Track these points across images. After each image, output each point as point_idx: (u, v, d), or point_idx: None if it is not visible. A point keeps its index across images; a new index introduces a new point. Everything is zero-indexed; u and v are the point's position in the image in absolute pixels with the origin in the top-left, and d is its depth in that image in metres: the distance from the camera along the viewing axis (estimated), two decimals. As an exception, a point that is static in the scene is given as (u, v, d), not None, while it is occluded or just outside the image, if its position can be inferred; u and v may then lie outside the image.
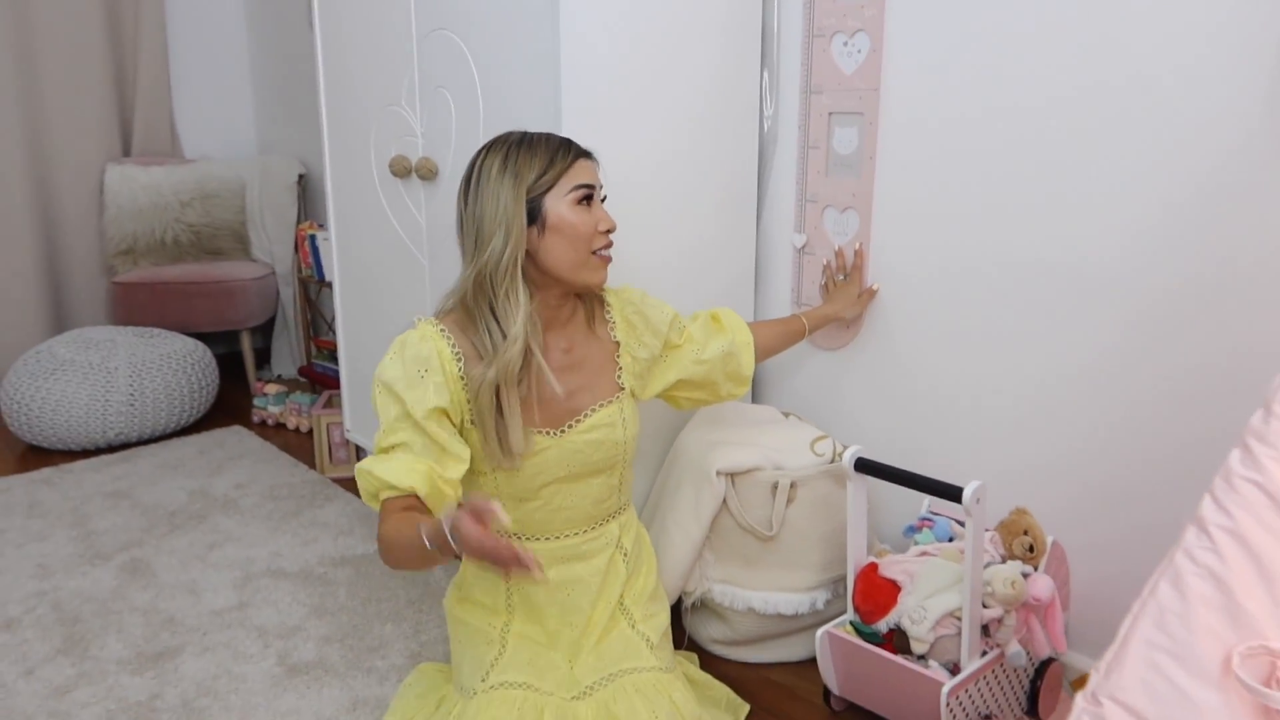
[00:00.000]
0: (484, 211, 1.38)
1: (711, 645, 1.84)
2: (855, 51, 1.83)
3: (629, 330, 1.56)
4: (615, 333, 1.55)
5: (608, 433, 1.49)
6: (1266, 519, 0.72)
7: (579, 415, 1.48)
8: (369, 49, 2.18)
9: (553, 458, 1.45)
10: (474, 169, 1.42)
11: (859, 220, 1.89)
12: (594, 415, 1.48)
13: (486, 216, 1.38)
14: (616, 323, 1.56)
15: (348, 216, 2.41)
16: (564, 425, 1.46)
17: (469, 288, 1.40)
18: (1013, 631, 1.51)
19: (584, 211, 1.42)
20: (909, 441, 1.91)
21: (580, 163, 1.43)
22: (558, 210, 1.40)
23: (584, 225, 1.42)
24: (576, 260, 1.42)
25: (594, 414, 1.48)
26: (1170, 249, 1.50)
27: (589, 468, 1.49)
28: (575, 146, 1.44)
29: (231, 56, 3.95)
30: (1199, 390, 1.50)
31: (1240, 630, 0.70)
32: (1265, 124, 1.37)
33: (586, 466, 1.49)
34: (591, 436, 1.47)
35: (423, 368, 1.37)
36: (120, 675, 1.77)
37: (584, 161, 1.44)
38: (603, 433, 1.48)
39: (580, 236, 1.42)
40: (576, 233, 1.41)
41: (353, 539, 2.30)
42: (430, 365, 1.38)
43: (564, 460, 1.46)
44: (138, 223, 3.49)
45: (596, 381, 1.51)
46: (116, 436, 2.92)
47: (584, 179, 1.42)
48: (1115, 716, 0.71)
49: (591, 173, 1.45)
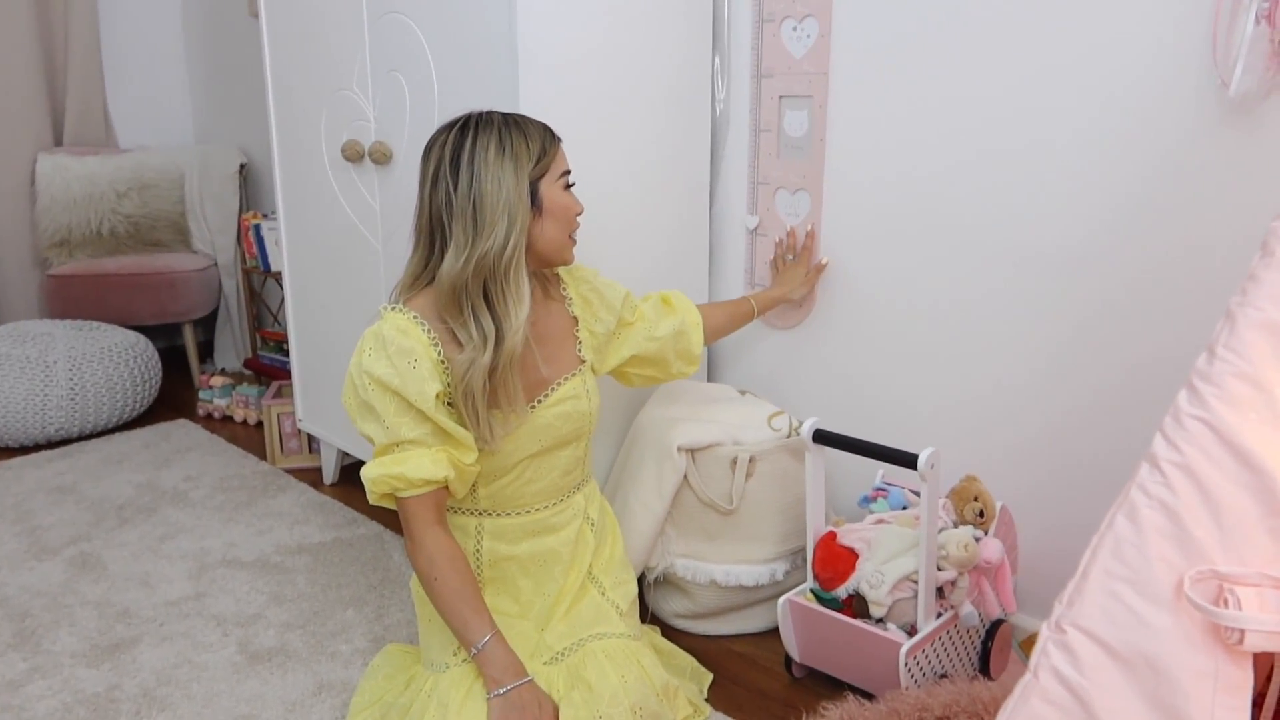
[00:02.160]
0: (484, 195, 1.35)
1: (674, 619, 1.88)
2: (805, 36, 1.87)
3: (585, 306, 1.59)
4: (572, 308, 1.58)
5: (574, 405, 1.51)
6: (1212, 452, 0.77)
7: (546, 389, 1.50)
8: (318, 32, 2.16)
9: (525, 433, 1.47)
10: (461, 150, 1.37)
11: (810, 201, 1.94)
12: (560, 388, 1.51)
13: (488, 201, 1.36)
14: (573, 299, 1.59)
15: (297, 204, 2.39)
16: (533, 400, 1.48)
17: (467, 275, 1.36)
18: (966, 593, 1.57)
19: (569, 195, 1.47)
20: (861, 417, 1.97)
21: (561, 147, 1.47)
22: (551, 194, 1.43)
23: (572, 209, 1.47)
24: (561, 242, 1.47)
25: (560, 387, 1.51)
26: (1118, 234, 1.57)
27: (558, 440, 1.51)
28: (553, 130, 1.48)
29: (166, 44, 3.87)
30: (1144, 364, 1.58)
31: (1190, 557, 0.75)
32: (1224, 109, 1.44)
33: (556, 439, 1.51)
34: (560, 409, 1.50)
35: (411, 359, 1.37)
36: (75, 668, 1.74)
37: (561, 149, 1.48)
38: (570, 405, 1.51)
39: (568, 219, 1.47)
40: (565, 216, 1.46)
41: (309, 528, 2.29)
42: (417, 355, 1.37)
43: (535, 435, 1.48)
44: (72, 214, 3.40)
45: (559, 355, 1.53)
46: (57, 432, 2.85)
47: (566, 164, 1.47)
48: (1078, 642, 0.76)
49: (566, 160, 1.49)
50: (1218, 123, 1.44)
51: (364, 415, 1.42)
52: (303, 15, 2.20)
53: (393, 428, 1.37)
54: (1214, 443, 0.77)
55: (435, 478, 1.37)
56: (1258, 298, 0.80)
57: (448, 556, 1.40)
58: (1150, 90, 1.49)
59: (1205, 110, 1.44)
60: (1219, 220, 1.46)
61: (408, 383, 1.36)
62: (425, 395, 1.36)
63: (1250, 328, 0.79)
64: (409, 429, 1.37)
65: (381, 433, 1.39)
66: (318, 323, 2.41)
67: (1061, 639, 0.77)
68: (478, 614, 1.39)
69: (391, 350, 1.37)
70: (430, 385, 1.36)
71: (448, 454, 1.38)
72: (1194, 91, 1.45)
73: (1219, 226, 1.46)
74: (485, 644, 1.37)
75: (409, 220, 1.99)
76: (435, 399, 1.37)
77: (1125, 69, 1.51)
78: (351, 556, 2.14)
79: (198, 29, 3.82)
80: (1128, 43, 1.50)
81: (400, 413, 1.37)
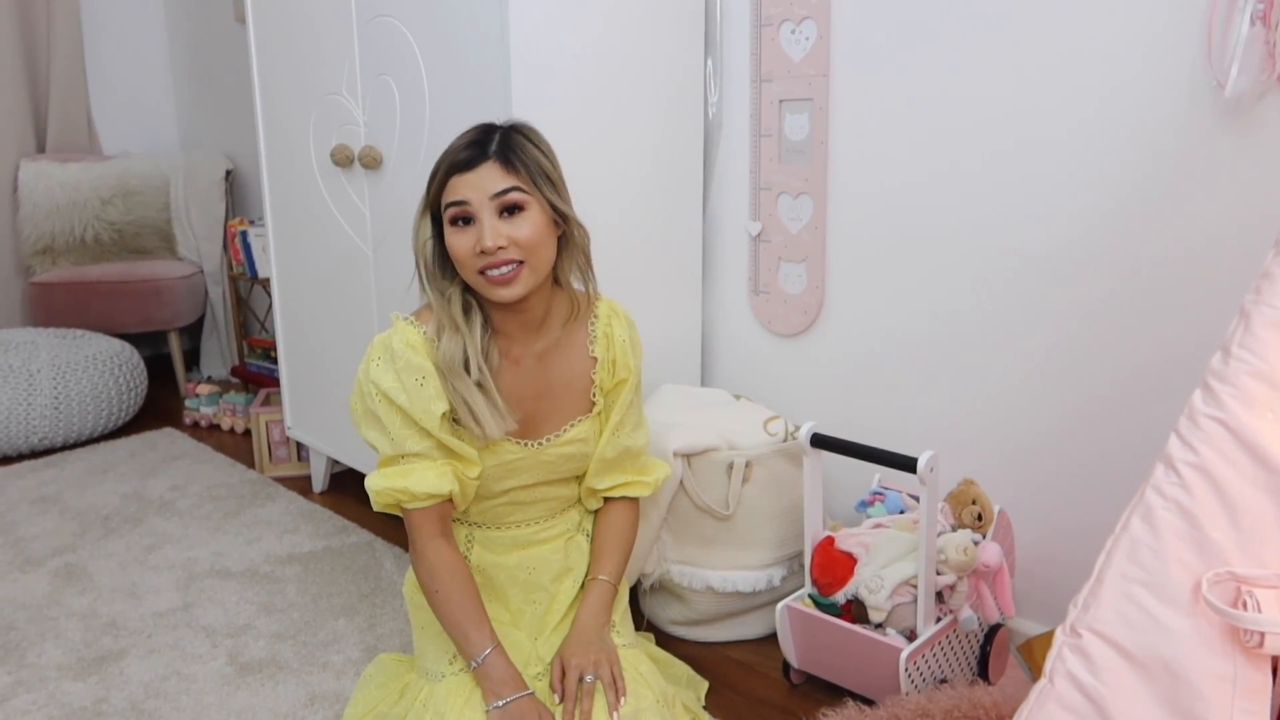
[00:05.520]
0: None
1: (670, 626, 1.86)
2: (803, 39, 1.87)
3: (606, 351, 1.50)
4: (595, 348, 1.49)
5: (581, 447, 1.49)
6: (1228, 453, 0.76)
7: (558, 430, 1.47)
8: (306, 36, 2.14)
9: (525, 466, 1.46)
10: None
11: (813, 206, 1.93)
12: (571, 430, 1.48)
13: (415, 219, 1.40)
14: (598, 337, 1.49)
15: (286, 210, 2.36)
16: (542, 439, 1.46)
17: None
18: (965, 597, 1.56)
19: (459, 233, 1.32)
20: (856, 421, 1.95)
21: (456, 179, 1.31)
22: (445, 228, 1.34)
23: (456, 249, 1.33)
24: (473, 280, 1.35)
25: (571, 429, 1.48)
26: (1115, 236, 1.57)
27: (558, 475, 1.50)
28: (465, 154, 1.32)
29: (150, 49, 3.83)
30: (1140, 366, 1.58)
31: (1208, 559, 0.74)
32: (1220, 110, 1.44)
33: (556, 474, 1.50)
34: (566, 450, 1.48)
35: (419, 376, 1.35)
36: (61, 681, 1.71)
37: (461, 177, 1.31)
38: (577, 447, 1.49)
39: (458, 260, 1.33)
40: (454, 256, 1.34)
41: (298, 536, 2.26)
42: (426, 371, 1.35)
43: (535, 469, 1.47)
44: (55, 221, 3.36)
45: (572, 397, 1.49)
46: (40, 441, 2.80)
47: (453, 196, 1.31)
48: (1094, 646, 0.74)
49: (469, 186, 1.30)
50: (1213, 124, 1.44)
51: (369, 424, 1.40)
52: (290, 19, 2.18)
53: (398, 440, 1.36)
54: (1230, 443, 0.76)
55: (440, 491, 1.36)
56: (1273, 295, 0.79)
57: (450, 569, 1.39)
58: (1145, 91, 1.49)
59: (1201, 111, 1.44)
60: (1214, 222, 1.45)
61: (414, 401, 1.34)
62: (431, 414, 1.34)
63: (1266, 326, 0.78)
64: (414, 443, 1.36)
65: (387, 444, 1.38)
66: (306, 329, 2.38)
67: (1077, 643, 0.76)
68: (478, 627, 1.37)
69: (399, 365, 1.35)
70: (437, 405, 1.34)
71: (452, 467, 1.37)
72: (1189, 92, 1.45)
73: (1215, 228, 1.45)
74: (485, 657, 1.35)
75: (399, 226, 1.97)
76: (441, 418, 1.35)
77: (1120, 71, 1.51)
78: (342, 565, 2.11)
79: (182, 34, 3.79)
80: (1123, 44, 1.50)
81: (406, 426, 1.36)
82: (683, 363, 2.15)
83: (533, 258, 1.34)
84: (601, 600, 1.48)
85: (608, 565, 1.52)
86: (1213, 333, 1.21)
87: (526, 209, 1.33)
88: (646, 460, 1.60)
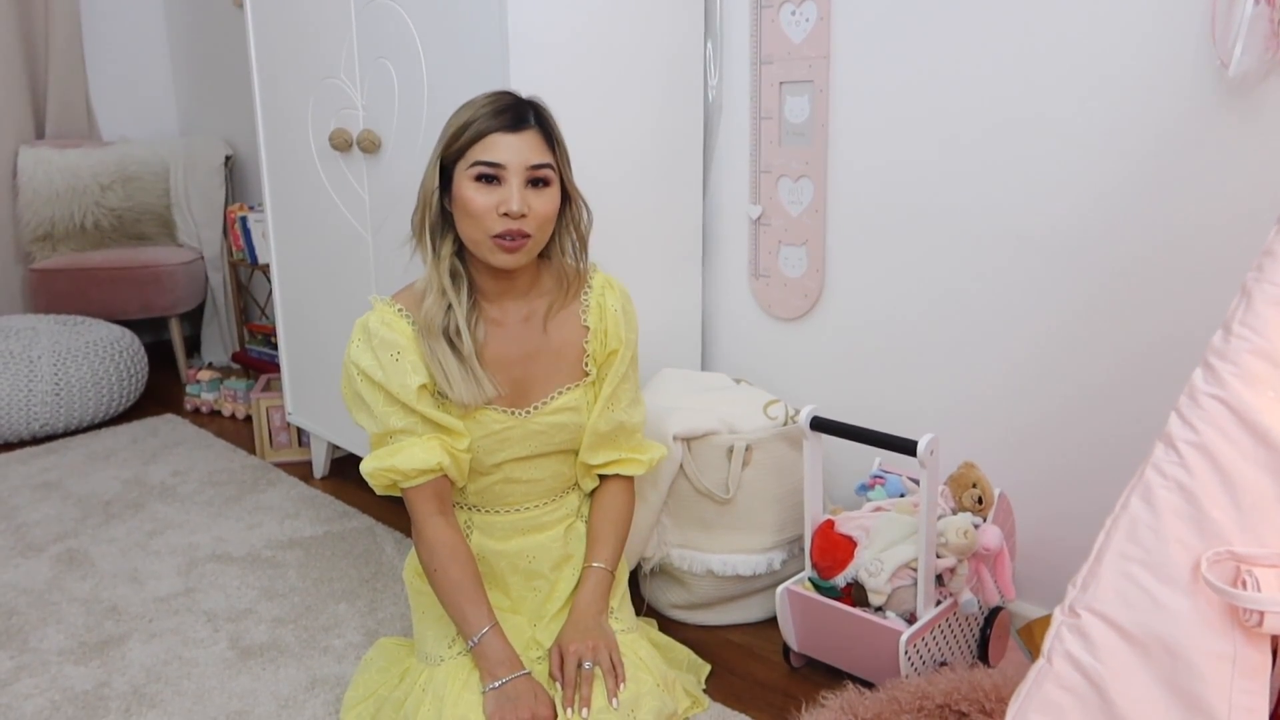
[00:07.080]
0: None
1: (670, 610, 1.86)
2: (804, 20, 1.85)
3: (599, 321, 1.49)
4: (588, 317, 1.49)
5: (572, 416, 1.48)
6: (1229, 431, 0.76)
7: (545, 397, 1.47)
8: (304, 20, 2.13)
9: (515, 436, 1.45)
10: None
11: (813, 189, 1.92)
12: (560, 398, 1.48)
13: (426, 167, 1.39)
14: (591, 307, 1.49)
15: (285, 195, 2.36)
16: (529, 406, 1.46)
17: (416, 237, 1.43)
18: (965, 580, 1.56)
19: (481, 190, 1.32)
20: (856, 404, 1.95)
21: (495, 138, 1.30)
22: (459, 183, 1.33)
23: (475, 205, 1.32)
24: (477, 240, 1.35)
25: (560, 397, 1.48)
26: (1117, 217, 1.56)
27: (550, 447, 1.49)
28: (506, 117, 1.32)
29: (149, 34, 3.82)
30: (1142, 348, 1.57)
31: (1207, 538, 0.74)
32: (1223, 89, 1.43)
33: (548, 446, 1.49)
34: (556, 419, 1.47)
35: (394, 351, 1.37)
36: (63, 665, 1.71)
37: (502, 137, 1.31)
38: (567, 416, 1.48)
39: (474, 216, 1.33)
40: (467, 211, 1.33)
41: (299, 521, 2.26)
42: (400, 347, 1.37)
43: (526, 440, 1.46)
44: (55, 207, 3.36)
45: (563, 365, 1.48)
46: (41, 428, 2.81)
47: (489, 155, 1.31)
48: (1092, 626, 0.74)
49: (510, 150, 1.31)
50: (1216, 104, 1.42)
51: (357, 406, 1.42)
52: (288, 3, 2.17)
53: (381, 418, 1.38)
54: (1231, 421, 0.76)
55: (428, 466, 1.36)
56: (1275, 273, 0.79)
57: (449, 548, 1.39)
58: (1148, 71, 1.48)
59: (1204, 91, 1.43)
60: (1217, 203, 1.44)
61: (390, 375, 1.36)
62: (407, 388, 1.35)
63: (1268, 304, 0.78)
64: (398, 419, 1.37)
65: (373, 423, 1.40)
66: (307, 315, 2.38)
67: (1075, 623, 0.76)
68: (476, 606, 1.37)
69: (375, 342, 1.37)
70: (412, 378, 1.36)
71: (440, 441, 1.38)
72: (1192, 72, 1.44)
73: (1217, 209, 1.44)
74: (482, 637, 1.35)
75: (399, 209, 1.97)
76: (418, 391, 1.36)
77: (1122, 51, 1.49)
78: (343, 550, 2.11)
79: (181, 19, 3.77)
80: (1126, 24, 1.48)
81: (388, 403, 1.37)
82: (683, 346, 2.14)
83: (541, 233, 1.38)
84: (598, 587, 1.48)
85: (603, 551, 1.52)
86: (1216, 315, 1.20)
87: (551, 185, 1.37)
88: (642, 439, 1.59)
